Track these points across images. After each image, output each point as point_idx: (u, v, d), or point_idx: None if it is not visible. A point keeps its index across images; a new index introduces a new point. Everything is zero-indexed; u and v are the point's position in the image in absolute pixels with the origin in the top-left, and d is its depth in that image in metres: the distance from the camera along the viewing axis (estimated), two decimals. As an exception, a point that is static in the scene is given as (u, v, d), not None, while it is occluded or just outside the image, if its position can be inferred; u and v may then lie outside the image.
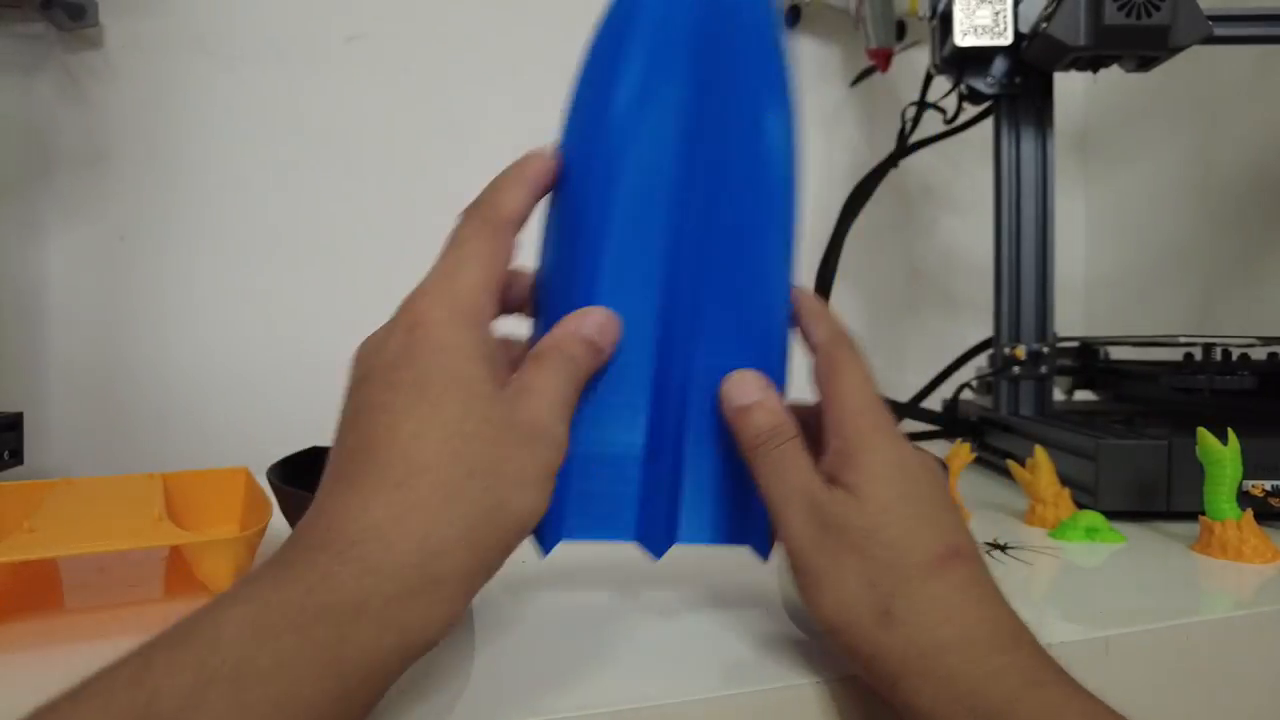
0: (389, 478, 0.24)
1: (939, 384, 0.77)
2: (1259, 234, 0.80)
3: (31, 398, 0.70)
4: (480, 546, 0.24)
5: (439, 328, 0.27)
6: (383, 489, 0.24)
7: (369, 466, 0.24)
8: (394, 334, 0.27)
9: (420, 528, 0.23)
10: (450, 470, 0.24)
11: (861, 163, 0.87)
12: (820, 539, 0.28)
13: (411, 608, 0.23)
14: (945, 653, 0.26)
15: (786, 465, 0.30)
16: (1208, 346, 0.59)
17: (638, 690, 0.28)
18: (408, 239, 0.81)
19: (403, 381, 0.26)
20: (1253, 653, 0.36)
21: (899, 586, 0.27)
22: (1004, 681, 0.25)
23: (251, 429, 0.73)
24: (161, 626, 0.22)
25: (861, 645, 0.27)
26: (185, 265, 0.75)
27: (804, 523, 0.29)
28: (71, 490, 0.42)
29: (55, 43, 0.71)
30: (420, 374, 0.26)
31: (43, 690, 0.21)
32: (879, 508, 0.28)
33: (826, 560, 0.28)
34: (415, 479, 0.24)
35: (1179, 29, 0.55)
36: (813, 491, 0.29)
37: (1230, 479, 0.44)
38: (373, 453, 0.25)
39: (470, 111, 0.82)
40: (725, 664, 0.30)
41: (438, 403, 0.25)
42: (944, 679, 0.25)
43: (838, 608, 0.27)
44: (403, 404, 0.25)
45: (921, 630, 0.26)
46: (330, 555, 0.23)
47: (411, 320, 0.27)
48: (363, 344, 0.28)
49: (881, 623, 0.26)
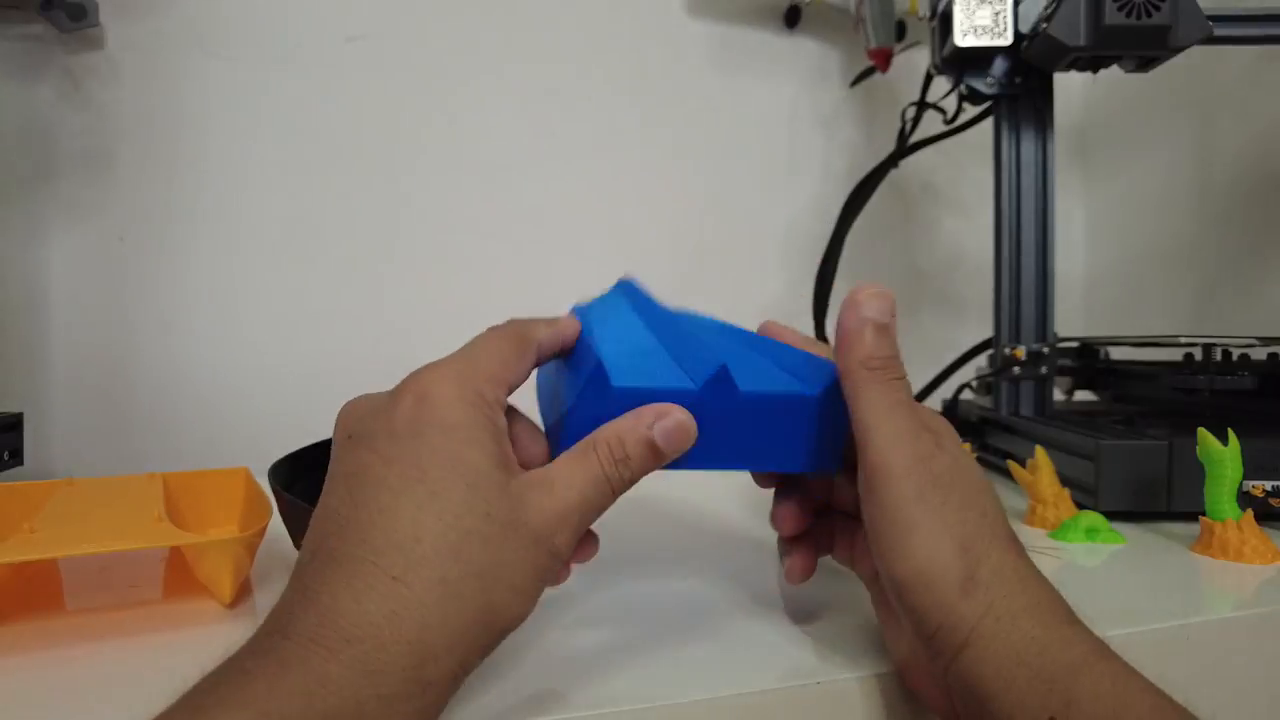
0: (384, 568, 0.23)
1: (939, 384, 0.77)
2: (1259, 234, 0.80)
3: (32, 398, 0.70)
4: (469, 650, 0.24)
5: (447, 405, 0.25)
6: (379, 582, 0.23)
7: (362, 551, 0.23)
8: (399, 402, 0.25)
9: (414, 630, 0.22)
10: (448, 569, 0.23)
11: (861, 163, 0.87)
12: (924, 490, 0.27)
13: (405, 711, 0.22)
14: (1020, 616, 0.26)
15: (902, 401, 0.29)
16: (1208, 347, 0.59)
17: (639, 690, 0.28)
18: (407, 239, 0.82)
19: (403, 457, 0.24)
20: (1253, 653, 0.36)
21: (985, 555, 0.27)
22: (1073, 649, 0.25)
23: (251, 429, 0.73)
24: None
25: (936, 608, 0.26)
26: (185, 265, 0.75)
27: (910, 468, 0.27)
28: (72, 491, 0.42)
29: (56, 44, 0.71)
30: (422, 453, 0.24)
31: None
32: (975, 475, 0.29)
33: (925, 513, 0.27)
34: (412, 574, 0.23)
35: (1179, 29, 0.55)
36: (921, 441, 0.28)
37: (1230, 479, 0.44)
38: (366, 534, 0.23)
39: (470, 112, 0.82)
40: (726, 664, 0.30)
41: (438, 489, 0.24)
42: (1017, 643, 0.25)
43: (928, 564, 0.26)
44: (400, 483, 0.24)
45: (1001, 595, 0.26)
46: (325, 653, 0.22)
47: (420, 391, 0.25)
48: (353, 403, 0.27)
49: (965, 589, 0.26)
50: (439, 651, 0.23)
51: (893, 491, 0.27)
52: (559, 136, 0.85)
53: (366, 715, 0.21)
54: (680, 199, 0.89)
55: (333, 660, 0.21)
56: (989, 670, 0.25)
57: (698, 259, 0.89)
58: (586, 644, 0.32)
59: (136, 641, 0.32)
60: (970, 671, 0.25)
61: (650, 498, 0.51)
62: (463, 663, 0.24)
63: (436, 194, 0.82)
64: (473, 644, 0.24)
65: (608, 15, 0.86)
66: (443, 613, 0.23)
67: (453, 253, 0.82)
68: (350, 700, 0.21)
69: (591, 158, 0.86)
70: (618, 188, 0.88)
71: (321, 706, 0.21)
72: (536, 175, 0.84)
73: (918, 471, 0.27)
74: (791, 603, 0.36)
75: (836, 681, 0.29)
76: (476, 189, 0.82)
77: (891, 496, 0.27)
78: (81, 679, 0.29)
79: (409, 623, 0.22)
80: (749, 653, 0.31)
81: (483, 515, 0.24)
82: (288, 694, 0.21)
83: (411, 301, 0.80)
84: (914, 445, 0.28)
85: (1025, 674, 0.25)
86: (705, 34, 0.90)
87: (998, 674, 0.25)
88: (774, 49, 0.92)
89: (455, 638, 0.23)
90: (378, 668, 0.22)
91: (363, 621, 0.22)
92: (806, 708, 0.29)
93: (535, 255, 0.84)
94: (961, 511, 0.27)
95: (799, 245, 0.90)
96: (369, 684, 0.22)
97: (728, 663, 0.30)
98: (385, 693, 0.22)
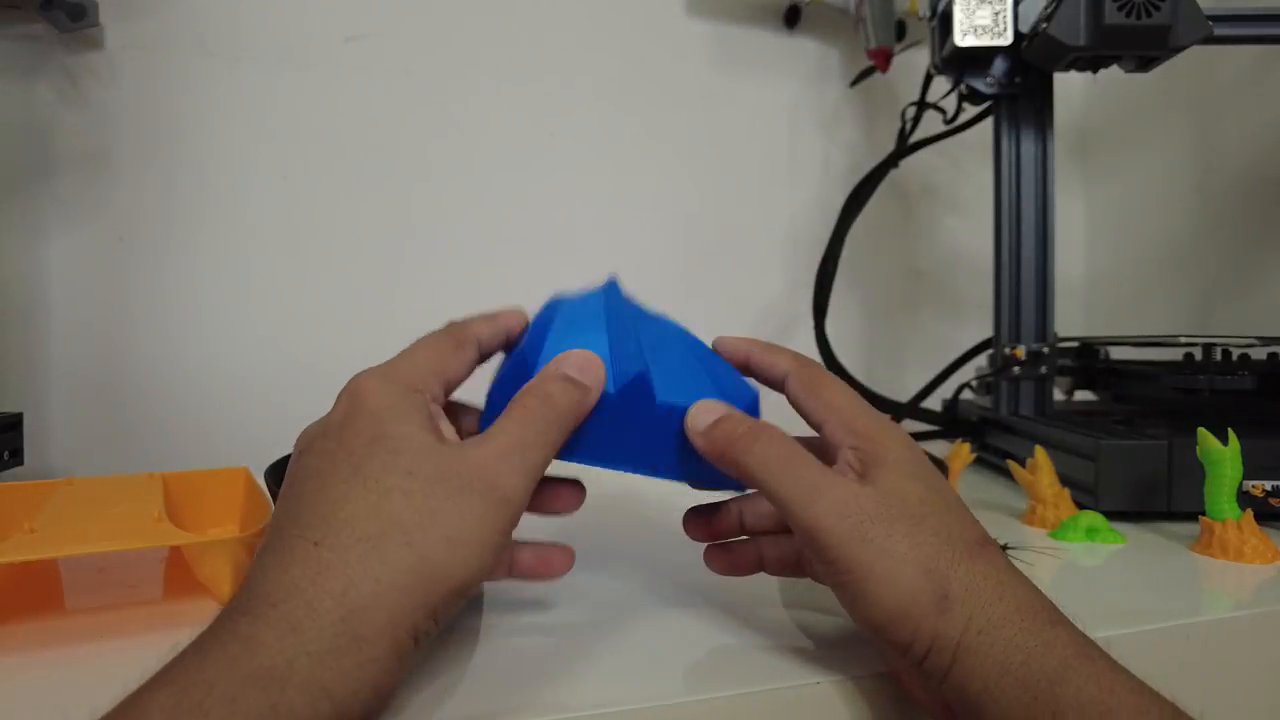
0: (308, 537, 0.24)
1: (939, 384, 0.77)
2: (1259, 234, 0.80)
3: (32, 398, 0.70)
4: (402, 605, 0.23)
5: (374, 395, 0.27)
6: (302, 550, 0.24)
7: (292, 530, 0.24)
8: (335, 407, 0.28)
9: (338, 584, 0.23)
10: (366, 526, 0.24)
11: (861, 163, 0.87)
12: (864, 532, 0.26)
13: (337, 667, 0.22)
14: (1001, 625, 0.26)
15: (791, 459, 0.28)
16: (1208, 346, 0.59)
17: (637, 691, 0.28)
18: (406, 239, 0.82)
19: (334, 447, 0.26)
20: (1253, 653, 0.36)
21: (953, 568, 0.26)
22: (1056, 652, 0.25)
23: (251, 429, 0.73)
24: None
25: (920, 635, 0.26)
26: (185, 265, 0.75)
27: (839, 514, 0.27)
28: (72, 490, 0.42)
29: (55, 44, 0.71)
30: (347, 437, 0.26)
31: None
32: (923, 493, 0.28)
33: (874, 554, 0.26)
34: (331, 538, 0.24)
35: (1179, 29, 0.55)
36: (838, 482, 0.28)
37: (1230, 479, 0.44)
38: (296, 515, 0.25)
39: (470, 111, 0.82)
40: (726, 664, 0.30)
41: (360, 462, 0.25)
42: (1000, 653, 0.25)
43: (896, 599, 0.26)
44: (329, 466, 0.25)
45: (980, 607, 0.26)
46: (252, 619, 0.22)
47: (351, 390, 0.28)
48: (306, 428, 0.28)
49: (940, 607, 0.26)
50: (367, 604, 0.23)
51: (831, 548, 0.27)
52: (559, 136, 0.85)
53: (297, 671, 0.21)
54: (681, 199, 0.89)
55: (259, 623, 0.22)
56: (977, 683, 0.25)
57: (698, 259, 0.89)
58: (584, 644, 0.32)
59: (136, 641, 0.32)
60: (961, 686, 0.25)
61: (646, 498, 0.51)
62: (400, 619, 0.23)
63: (436, 193, 0.81)
64: (407, 598, 0.24)
65: (608, 15, 0.86)
66: (364, 567, 0.23)
67: (452, 252, 0.81)
68: (279, 657, 0.21)
69: (591, 157, 0.86)
70: (617, 187, 0.88)
71: (249, 666, 0.21)
72: (536, 175, 0.84)
73: (848, 518, 0.27)
74: (790, 602, 0.36)
75: (836, 682, 0.29)
76: (476, 188, 0.82)
77: (832, 553, 0.27)
78: (81, 679, 0.29)
79: (333, 580, 0.23)
80: (748, 653, 0.31)
81: (403, 474, 0.25)
82: (214, 662, 0.21)
83: (411, 301, 0.80)
84: (831, 495, 0.27)
85: (1010, 683, 0.24)
86: (705, 34, 0.90)
87: (985, 686, 0.25)
88: (774, 49, 0.92)
89: (383, 591, 0.23)
90: (304, 626, 0.22)
91: (286, 584, 0.23)
92: (806, 708, 0.29)
93: (535, 255, 0.84)
94: (912, 536, 0.27)
95: (799, 245, 0.90)
96: (297, 641, 0.22)
97: (727, 663, 0.30)
98: (314, 649, 0.22)
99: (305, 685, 0.21)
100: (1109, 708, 0.24)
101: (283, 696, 0.21)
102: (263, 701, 0.20)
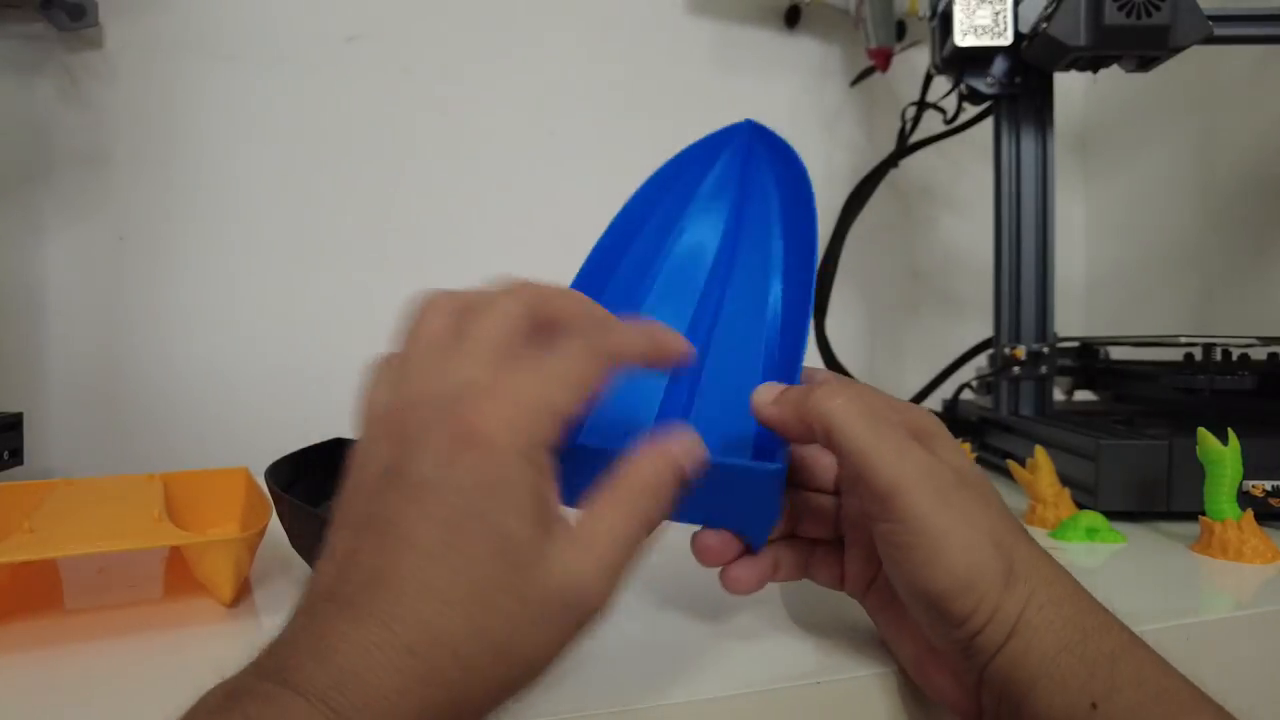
0: (399, 635, 0.21)
1: (939, 384, 0.77)
2: (1259, 233, 0.80)
3: (32, 398, 0.70)
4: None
5: (496, 459, 0.22)
6: (393, 652, 0.21)
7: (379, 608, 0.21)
8: (436, 432, 0.23)
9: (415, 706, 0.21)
10: (468, 647, 0.21)
11: (861, 163, 0.87)
12: (946, 495, 0.26)
13: None
14: (1062, 604, 0.26)
15: (874, 415, 0.27)
16: (1208, 346, 0.59)
17: (637, 690, 0.28)
18: (407, 239, 0.82)
19: (436, 515, 0.22)
20: (1253, 653, 0.36)
21: (1016, 545, 0.27)
22: (1112, 636, 0.25)
23: (251, 429, 0.73)
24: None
25: (982, 606, 0.26)
26: (185, 265, 0.75)
27: (922, 477, 0.26)
28: (71, 490, 0.42)
29: (55, 43, 0.71)
30: (457, 514, 0.22)
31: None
32: (976, 475, 0.28)
33: (954, 518, 0.26)
34: (425, 647, 0.21)
35: (1179, 29, 0.55)
36: (918, 448, 0.27)
37: (1230, 479, 0.44)
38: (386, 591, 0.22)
39: (470, 111, 0.82)
40: (726, 664, 0.30)
41: (469, 559, 0.22)
42: (1060, 629, 0.25)
43: (967, 567, 0.26)
44: (429, 545, 0.22)
45: (1041, 583, 0.26)
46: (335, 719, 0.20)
47: (466, 431, 0.22)
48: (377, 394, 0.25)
49: (1007, 581, 0.26)
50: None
51: (912, 506, 0.26)
52: (559, 136, 0.85)
53: None
54: (680, 199, 0.89)
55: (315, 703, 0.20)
56: (1034, 658, 0.25)
57: (698, 259, 0.89)
58: (582, 644, 0.32)
59: (136, 641, 0.32)
60: (1013, 662, 0.25)
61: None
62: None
63: (436, 194, 0.81)
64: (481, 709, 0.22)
65: (609, 16, 0.86)
66: (450, 684, 0.21)
67: (452, 252, 0.81)
68: None
69: (592, 157, 0.86)
70: (618, 188, 0.87)
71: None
72: (536, 175, 0.84)
73: (932, 478, 0.27)
74: (790, 602, 0.36)
75: (836, 681, 0.29)
76: (476, 189, 0.82)
77: (912, 511, 0.26)
78: (81, 679, 0.29)
79: (412, 699, 0.21)
80: (748, 652, 0.31)
81: (513, 592, 0.22)
82: None
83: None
84: (915, 454, 0.27)
85: (1069, 660, 0.25)
86: (706, 33, 0.90)
87: (1042, 662, 0.25)
88: (774, 49, 0.92)
89: (460, 709, 0.22)
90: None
91: (375, 691, 0.20)
92: (806, 708, 0.29)
93: (535, 255, 0.84)
94: (985, 508, 0.27)
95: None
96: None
97: (727, 662, 0.30)
98: None
99: None
100: (1165, 688, 0.24)
101: None
102: None
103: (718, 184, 0.42)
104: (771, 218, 0.40)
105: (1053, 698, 0.25)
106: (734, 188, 0.41)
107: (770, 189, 0.40)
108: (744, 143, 0.41)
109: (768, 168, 0.41)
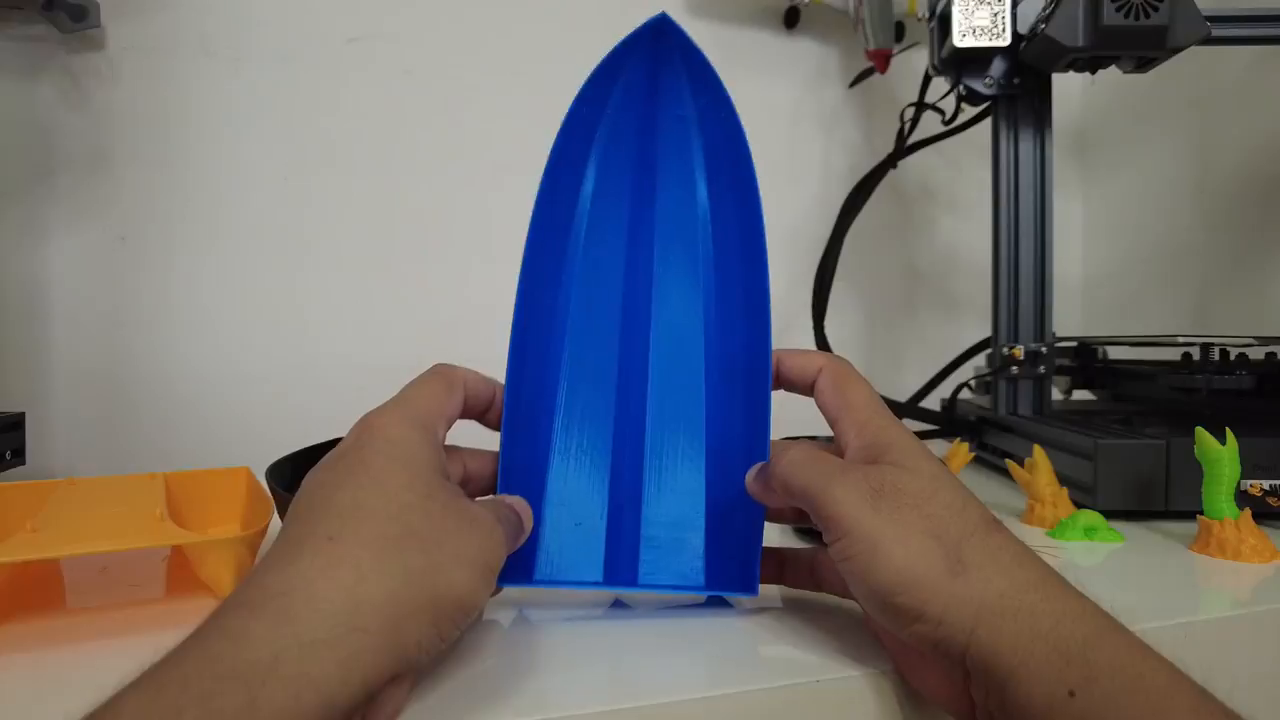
0: (320, 532, 0.24)
1: (937, 384, 0.78)
2: (1257, 234, 0.81)
3: (34, 397, 0.70)
4: (409, 607, 0.24)
5: (389, 428, 0.28)
6: (311, 540, 0.24)
7: (302, 529, 0.25)
8: (347, 437, 0.29)
9: (349, 576, 0.23)
10: (387, 526, 0.25)
11: (860, 163, 0.87)
12: (875, 503, 0.28)
13: (328, 658, 0.21)
14: (1026, 590, 0.26)
15: (811, 458, 0.31)
16: (1206, 346, 0.59)
17: (636, 689, 0.28)
18: (407, 240, 0.82)
19: (350, 464, 0.27)
20: (1252, 653, 0.36)
21: (965, 538, 0.27)
22: (1085, 622, 0.25)
23: (253, 429, 0.73)
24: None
25: (933, 599, 0.26)
26: (186, 266, 0.75)
27: (851, 489, 0.28)
28: (73, 490, 0.42)
29: (57, 44, 0.71)
30: (366, 457, 0.27)
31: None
32: (929, 476, 0.29)
33: (884, 520, 0.27)
34: (349, 533, 0.24)
35: (1177, 30, 0.55)
36: (853, 466, 0.30)
37: (1228, 478, 0.44)
38: (309, 518, 0.25)
39: (472, 112, 0.82)
40: (726, 663, 0.30)
41: (380, 475, 0.26)
42: (1027, 615, 0.25)
43: (905, 563, 0.27)
44: (347, 478, 0.26)
45: (997, 572, 0.26)
46: (246, 611, 0.22)
47: (365, 424, 0.29)
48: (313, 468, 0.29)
49: (954, 570, 0.26)
50: (375, 597, 0.23)
51: (846, 518, 0.28)
52: (559, 137, 0.85)
53: (282, 663, 0.21)
54: (680, 199, 0.89)
55: (254, 617, 0.22)
56: (1005, 647, 0.25)
57: (697, 259, 0.89)
58: (582, 643, 0.32)
59: (138, 641, 0.32)
60: (986, 651, 0.25)
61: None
62: (405, 619, 0.23)
63: (437, 195, 0.82)
64: (414, 604, 0.24)
65: (610, 17, 0.86)
66: (379, 563, 0.24)
67: (453, 254, 0.82)
68: (265, 650, 0.21)
69: (591, 158, 0.86)
70: (617, 188, 0.87)
71: (231, 661, 0.20)
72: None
73: (858, 490, 0.28)
74: (790, 601, 0.36)
75: (836, 681, 0.29)
76: (477, 190, 0.82)
77: (847, 523, 0.28)
78: (83, 678, 0.29)
79: (344, 572, 0.23)
80: (748, 652, 0.31)
81: (422, 495, 0.26)
82: (194, 659, 0.21)
83: (411, 302, 0.80)
84: (846, 471, 0.29)
85: (1042, 648, 0.24)
86: (705, 34, 0.89)
87: (1014, 650, 0.25)
88: (774, 50, 0.92)
89: (396, 588, 0.24)
90: (300, 616, 0.22)
91: (291, 576, 0.23)
92: (806, 707, 0.29)
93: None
94: (920, 509, 0.28)
95: (799, 245, 0.90)
96: (290, 631, 0.21)
97: (727, 662, 0.31)
98: (308, 638, 0.21)
99: (289, 678, 0.21)
100: (1141, 674, 0.24)
101: (263, 689, 0.20)
102: (241, 696, 0.20)
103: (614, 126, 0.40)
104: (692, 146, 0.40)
105: (1031, 687, 0.24)
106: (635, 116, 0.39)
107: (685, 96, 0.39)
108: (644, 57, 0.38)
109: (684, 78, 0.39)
